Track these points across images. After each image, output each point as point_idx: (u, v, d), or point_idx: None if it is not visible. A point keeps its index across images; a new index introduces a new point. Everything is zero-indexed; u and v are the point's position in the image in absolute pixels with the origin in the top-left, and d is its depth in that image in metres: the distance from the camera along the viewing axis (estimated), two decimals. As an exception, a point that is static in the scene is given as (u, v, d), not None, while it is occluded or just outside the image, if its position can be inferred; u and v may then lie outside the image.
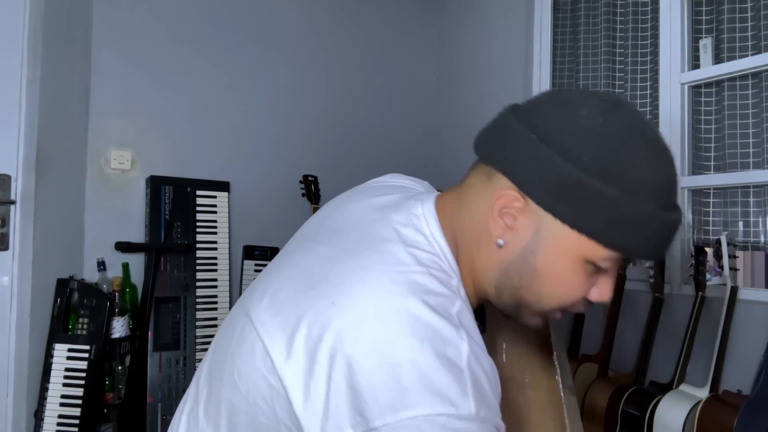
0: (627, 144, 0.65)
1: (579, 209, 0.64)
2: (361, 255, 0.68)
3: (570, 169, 0.63)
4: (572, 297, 0.70)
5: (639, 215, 0.64)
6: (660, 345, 1.79)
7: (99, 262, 2.02)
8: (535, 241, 0.67)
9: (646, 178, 0.65)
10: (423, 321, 0.61)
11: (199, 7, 2.32)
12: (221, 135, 2.33)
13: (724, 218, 1.78)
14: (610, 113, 0.65)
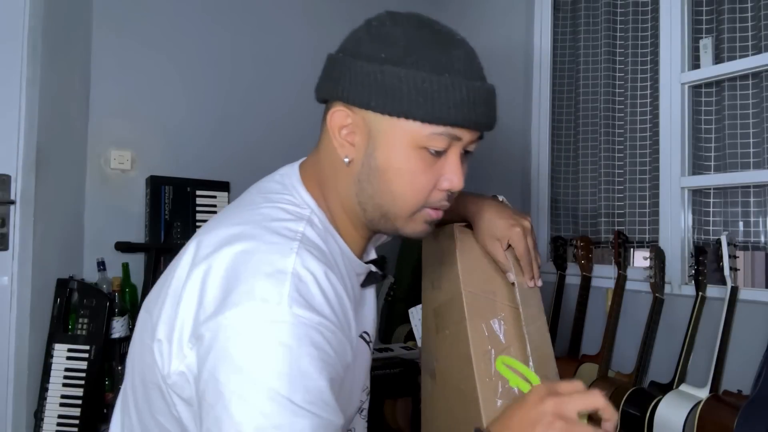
0: (415, 33, 0.72)
1: (390, 97, 0.70)
2: (224, 211, 0.80)
3: (374, 67, 0.70)
4: (421, 187, 0.74)
5: (439, 86, 0.70)
6: (660, 345, 1.79)
7: (99, 262, 2.02)
8: (372, 143, 0.73)
9: (439, 56, 0.71)
10: (255, 238, 0.69)
11: (200, 7, 2.32)
12: (221, 135, 2.32)
13: (724, 218, 1.78)
14: (396, 16, 0.74)
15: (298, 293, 0.65)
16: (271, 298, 0.64)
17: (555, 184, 2.27)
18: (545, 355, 0.95)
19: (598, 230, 2.08)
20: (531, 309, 0.96)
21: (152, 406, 0.74)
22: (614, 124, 2.07)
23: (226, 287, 0.66)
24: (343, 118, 0.74)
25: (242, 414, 0.61)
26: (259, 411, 0.61)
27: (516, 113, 2.39)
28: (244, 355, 0.62)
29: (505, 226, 0.95)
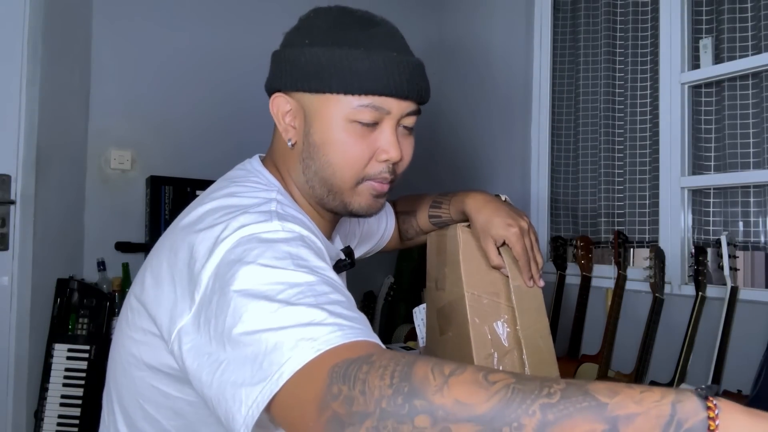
0: (335, 18, 0.79)
1: (315, 76, 0.76)
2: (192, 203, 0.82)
3: (299, 51, 0.78)
4: (356, 157, 0.79)
5: (357, 60, 0.75)
6: (660, 345, 1.79)
7: (99, 262, 2.02)
8: (308, 122, 0.79)
9: (357, 34, 0.77)
10: (225, 205, 0.72)
11: (200, 6, 2.32)
12: (221, 135, 2.32)
13: (724, 218, 1.78)
14: (320, 9, 0.82)
15: (283, 218, 0.70)
16: (260, 220, 0.67)
17: (555, 184, 2.27)
18: (544, 359, 0.94)
19: (598, 230, 2.08)
20: (528, 312, 0.95)
21: (141, 396, 0.75)
22: (614, 124, 2.07)
23: (213, 236, 0.67)
24: (282, 104, 0.81)
25: (259, 290, 0.59)
26: (273, 281, 0.59)
27: (516, 113, 2.39)
28: (244, 257, 0.62)
29: (502, 225, 0.96)
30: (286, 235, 0.67)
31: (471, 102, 2.62)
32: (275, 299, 0.57)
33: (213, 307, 0.61)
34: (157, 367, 0.72)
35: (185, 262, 0.68)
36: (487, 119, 2.53)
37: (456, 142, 2.70)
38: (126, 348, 0.76)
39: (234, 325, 0.57)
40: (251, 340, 0.55)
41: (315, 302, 0.57)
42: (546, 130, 2.28)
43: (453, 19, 2.76)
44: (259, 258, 0.62)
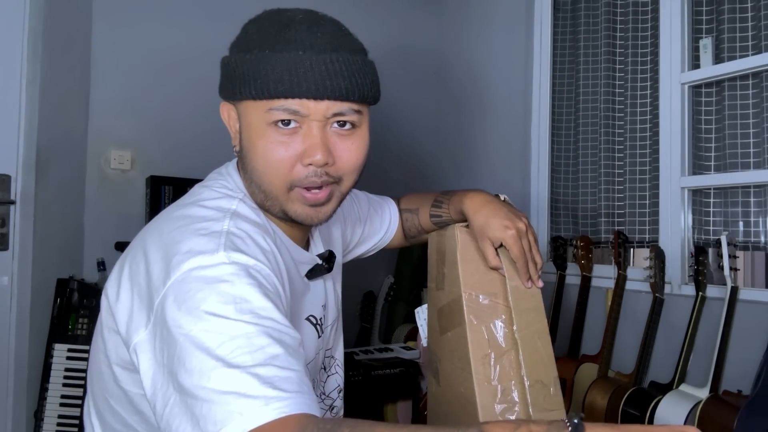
0: (261, 22, 0.79)
1: (234, 82, 0.77)
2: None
3: (227, 59, 0.79)
4: (277, 161, 0.76)
5: (263, 64, 0.74)
6: (660, 345, 1.79)
7: (99, 262, 2.02)
8: (242, 128, 0.80)
9: (274, 37, 0.75)
10: (188, 214, 0.76)
11: (200, 6, 2.32)
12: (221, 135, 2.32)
13: (724, 218, 1.77)
14: (261, 14, 0.82)
15: (232, 243, 0.70)
16: (207, 249, 0.69)
17: (555, 184, 2.27)
18: (542, 360, 0.93)
19: (598, 230, 2.08)
20: (526, 313, 0.95)
21: (105, 390, 0.80)
22: (614, 124, 2.07)
23: (167, 257, 0.70)
24: (226, 111, 0.82)
25: (201, 341, 0.63)
26: (214, 331, 0.63)
27: (516, 113, 2.39)
28: (190, 299, 0.65)
29: (499, 227, 0.95)
30: (230, 270, 0.68)
31: (471, 102, 2.62)
32: (214, 354, 0.61)
33: (164, 337, 0.66)
34: (118, 363, 0.76)
35: (144, 276, 0.72)
36: (487, 119, 2.53)
37: (456, 142, 2.70)
38: (97, 346, 0.82)
39: (178, 371, 0.62)
40: (191, 392, 0.60)
41: (250, 362, 0.61)
42: (546, 130, 2.28)
43: (453, 19, 2.76)
44: (203, 303, 0.65)
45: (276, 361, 0.62)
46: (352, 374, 1.80)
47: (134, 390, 0.76)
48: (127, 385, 0.76)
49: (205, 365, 0.61)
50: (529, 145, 2.32)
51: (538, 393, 0.91)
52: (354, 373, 1.80)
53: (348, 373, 1.82)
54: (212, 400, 0.59)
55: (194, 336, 0.63)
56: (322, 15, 0.81)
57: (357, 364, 1.86)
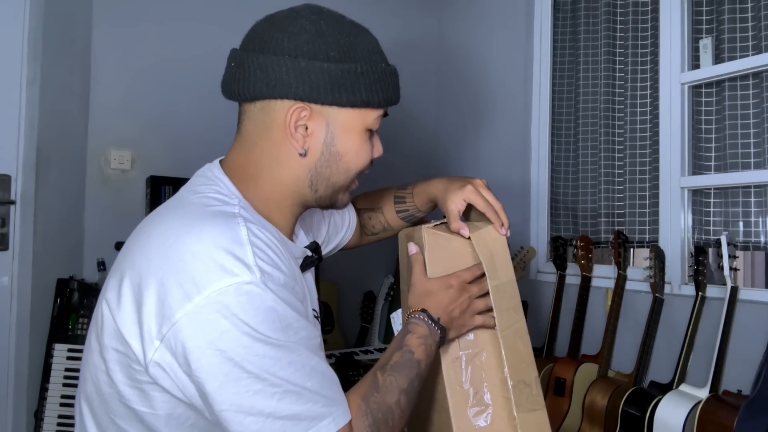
0: (344, 31, 0.82)
1: (348, 91, 0.80)
2: (155, 212, 0.85)
3: (329, 66, 0.79)
4: (366, 161, 0.88)
5: (381, 75, 0.83)
6: (660, 345, 1.79)
7: (99, 262, 2.02)
8: (330, 132, 0.82)
9: (368, 47, 0.83)
10: (197, 221, 0.75)
11: (200, 6, 2.32)
12: (221, 135, 2.32)
13: (724, 218, 1.77)
14: (321, 16, 0.83)
15: (260, 259, 0.72)
16: (239, 269, 0.70)
17: (555, 184, 2.27)
18: (523, 359, 0.93)
19: (598, 230, 2.08)
20: (507, 312, 0.94)
21: (111, 411, 0.77)
22: (614, 124, 2.07)
23: (191, 272, 0.70)
24: (298, 113, 0.81)
25: (259, 364, 0.69)
26: (270, 357, 0.69)
27: (516, 113, 2.39)
28: (238, 323, 0.68)
29: (457, 187, 1.01)
30: (264, 287, 0.71)
31: (471, 102, 2.62)
32: (273, 378, 0.70)
33: (199, 362, 0.69)
34: (125, 382, 0.75)
35: (158, 290, 0.71)
36: (487, 119, 2.53)
37: (456, 141, 2.70)
38: (96, 365, 0.78)
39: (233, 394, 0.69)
40: (259, 413, 0.69)
41: (307, 381, 0.72)
42: (546, 130, 2.28)
43: (453, 19, 2.76)
44: (246, 326, 0.69)
45: (321, 370, 0.74)
46: (352, 374, 1.80)
47: (144, 409, 0.75)
48: (137, 404, 0.75)
49: (270, 389, 0.69)
50: (529, 145, 2.32)
51: (521, 393, 0.91)
52: (354, 373, 1.80)
53: (348, 372, 1.82)
54: (287, 417, 0.69)
55: (252, 360, 0.68)
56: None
57: (357, 364, 1.86)
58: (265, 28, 0.83)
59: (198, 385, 0.70)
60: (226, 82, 0.86)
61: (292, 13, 0.83)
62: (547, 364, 1.94)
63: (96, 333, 0.79)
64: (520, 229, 2.33)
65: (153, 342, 0.70)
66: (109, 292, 0.78)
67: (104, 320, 0.77)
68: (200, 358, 0.68)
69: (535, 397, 0.92)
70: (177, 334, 0.69)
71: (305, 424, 0.70)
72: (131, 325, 0.73)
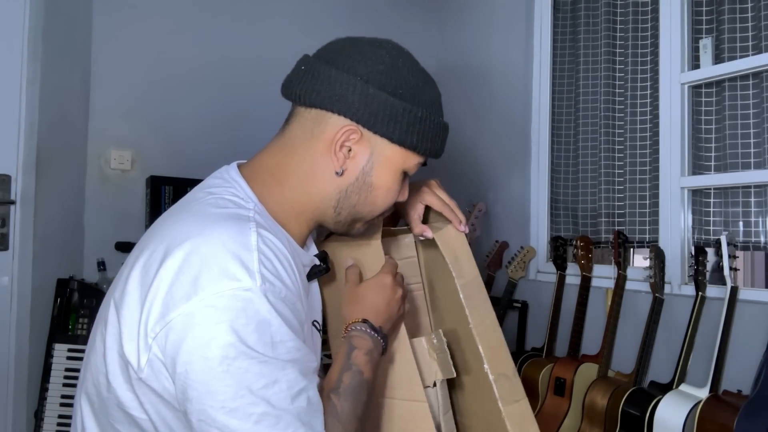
0: (417, 75, 0.86)
1: (403, 129, 0.82)
2: (168, 212, 0.84)
3: (394, 101, 0.81)
4: (391, 202, 0.88)
5: (436, 127, 0.86)
6: (660, 345, 1.79)
7: (99, 262, 2.02)
8: (371, 162, 0.83)
9: (432, 98, 0.87)
10: (209, 222, 0.74)
11: (200, 7, 2.32)
12: (221, 135, 2.32)
13: (724, 218, 1.77)
14: (400, 53, 0.86)
15: (264, 267, 0.72)
16: (241, 275, 0.69)
17: (555, 184, 2.27)
18: (500, 353, 0.94)
19: (598, 230, 2.08)
20: (477, 308, 0.95)
21: (110, 416, 0.77)
22: (614, 124, 2.07)
23: (194, 273, 0.69)
24: (349, 135, 0.81)
25: (241, 379, 0.67)
26: (254, 373, 0.68)
27: (516, 113, 2.39)
28: (228, 331, 0.67)
29: (413, 192, 1.01)
30: (264, 304, 0.70)
31: (471, 102, 2.62)
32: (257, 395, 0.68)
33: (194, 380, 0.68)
34: (125, 387, 0.74)
35: (165, 287, 0.71)
36: (487, 119, 2.53)
37: (456, 142, 2.70)
38: (98, 367, 0.77)
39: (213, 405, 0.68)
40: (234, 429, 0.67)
41: (290, 406, 0.70)
42: (546, 130, 2.28)
43: (453, 19, 2.76)
44: (239, 338, 0.67)
45: (308, 399, 0.72)
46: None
47: (140, 415, 0.75)
48: (134, 410, 0.75)
49: (249, 409, 0.67)
50: (529, 145, 2.32)
51: (502, 385, 0.91)
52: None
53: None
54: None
55: (234, 373, 0.67)
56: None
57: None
58: (345, 46, 0.85)
59: (181, 390, 0.69)
60: (290, 82, 0.87)
61: (376, 42, 0.86)
62: (547, 364, 1.94)
63: (101, 334, 0.78)
64: (520, 229, 2.33)
65: (148, 340, 0.70)
66: (116, 292, 0.78)
67: (109, 321, 0.76)
68: (186, 362, 0.68)
69: (516, 388, 0.93)
70: (168, 333, 0.68)
71: None
72: (133, 325, 0.72)
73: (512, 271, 2.21)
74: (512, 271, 2.21)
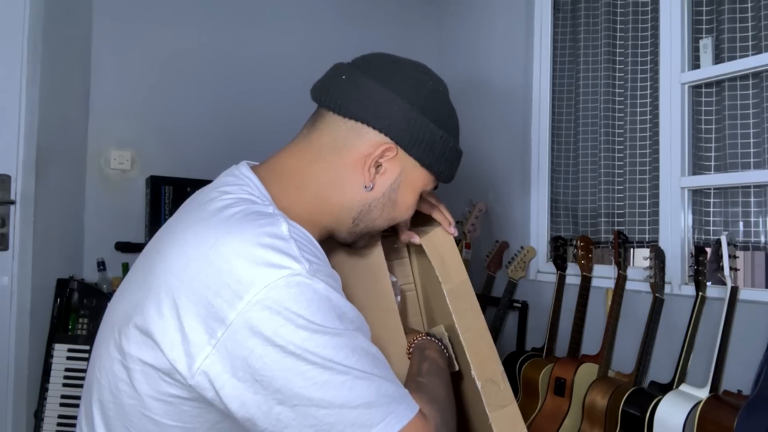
0: (449, 104, 0.90)
1: (435, 155, 0.85)
2: (181, 213, 0.83)
3: (434, 127, 0.84)
4: (406, 218, 0.92)
5: (458, 155, 0.90)
6: (660, 345, 1.79)
7: (99, 262, 2.02)
8: (398, 180, 0.86)
9: (457, 126, 0.91)
10: (236, 219, 0.73)
11: (199, 7, 2.32)
12: (221, 135, 2.32)
13: (724, 218, 1.77)
14: (439, 81, 0.90)
15: (305, 251, 0.71)
16: (287, 262, 0.68)
17: (555, 184, 2.27)
18: (488, 358, 0.93)
19: (598, 230, 2.08)
20: (464, 313, 0.94)
21: (129, 422, 0.74)
22: (614, 124, 2.07)
23: (239, 272, 0.67)
24: (386, 152, 0.82)
25: (323, 354, 0.67)
26: (332, 347, 0.68)
27: (516, 113, 2.39)
28: (293, 317, 0.67)
29: None
30: (317, 284, 0.70)
31: (471, 102, 2.62)
32: (342, 365, 0.68)
33: (262, 361, 0.66)
34: (153, 395, 0.71)
35: (202, 289, 0.68)
36: (487, 119, 2.53)
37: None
38: (116, 374, 0.74)
39: (299, 388, 0.67)
40: (329, 405, 0.67)
41: (374, 368, 0.71)
42: (546, 130, 2.28)
43: (453, 18, 2.76)
44: (306, 318, 0.67)
45: (382, 359, 0.74)
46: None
47: (168, 422, 0.72)
48: (162, 416, 0.72)
49: (339, 378, 0.67)
50: (529, 145, 2.32)
51: (489, 391, 0.91)
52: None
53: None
54: (362, 406, 0.68)
55: (313, 351, 0.67)
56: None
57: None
58: (387, 64, 0.86)
59: (264, 385, 0.66)
60: (326, 89, 0.85)
61: (416, 65, 0.88)
62: (547, 364, 1.94)
63: (115, 341, 0.74)
64: (520, 229, 2.33)
65: (203, 348, 0.67)
66: (132, 297, 0.75)
67: (129, 329, 0.72)
68: (262, 356, 0.66)
69: (503, 393, 0.92)
70: (233, 336, 0.66)
71: (382, 411, 0.69)
72: (172, 333, 0.68)
73: (512, 271, 2.21)
74: (512, 271, 2.21)
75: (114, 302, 0.82)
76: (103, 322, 0.83)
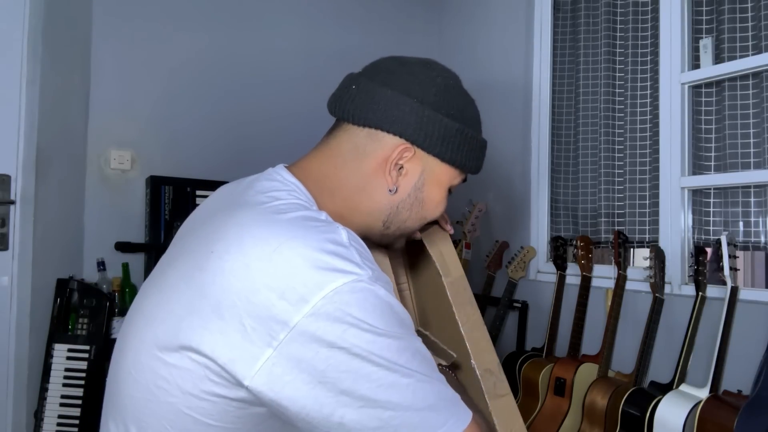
0: (463, 95, 0.89)
1: (454, 148, 0.86)
2: (224, 213, 0.79)
3: (448, 121, 0.84)
4: (438, 216, 0.92)
5: (480, 145, 0.90)
6: (660, 345, 1.79)
7: (99, 262, 2.02)
8: (422, 179, 0.87)
9: (476, 116, 0.90)
10: (296, 224, 0.73)
11: (199, 7, 2.32)
12: (221, 135, 2.33)
13: (724, 218, 1.77)
14: (449, 74, 0.89)
15: (366, 258, 0.72)
16: (350, 268, 0.69)
17: (555, 184, 2.27)
18: (485, 349, 0.96)
19: (598, 230, 2.08)
20: (464, 307, 0.97)
21: (169, 421, 0.72)
22: (614, 124, 2.07)
23: (304, 276, 0.67)
24: (402, 153, 0.84)
25: (387, 357, 0.68)
26: (395, 350, 0.69)
27: (516, 113, 2.39)
28: (357, 322, 0.67)
29: None
30: (379, 288, 0.70)
31: (471, 102, 2.62)
32: (407, 369, 0.69)
33: (327, 363, 0.66)
34: (197, 395, 0.70)
35: (263, 293, 0.67)
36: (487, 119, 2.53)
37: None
38: (155, 371, 0.72)
39: (364, 388, 0.67)
40: (395, 407, 0.68)
41: (433, 372, 0.72)
42: (546, 130, 2.28)
43: (453, 19, 2.76)
44: (370, 323, 0.68)
45: (435, 363, 0.75)
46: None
47: (210, 421, 0.71)
48: (205, 416, 0.71)
49: (403, 380, 0.68)
50: (529, 145, 2.32)
51: (488, 381, 0.93)
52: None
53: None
54: (426, 409, 0.69)
55: (378, 353, 0.68)
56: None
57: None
58: (395, 67, 0.87)
59: (328, 387, 0.66)
60: (340, 100, 0.86)
61: (424, 62, 0.89)
62: (548, 364, 1.94)
63: (155, 336, 0.73)
64: (520, 229, 2.33)
65: (264, 350, 0.66)
66: (184, 297, 0.72)
67: (178, 326, 0.71)
68: (328, 358, 0.66)
69: (501, 383, 0.95)
70: (297, 338, 0.65)
71: (444, 414, 0.71)
72: (231, 334, 0.67)
73: (512, 271, 2.21)
74: (512, 271, 2.21)
75: (145, 297, 0.79)
76: (133, 315, 0.80)
